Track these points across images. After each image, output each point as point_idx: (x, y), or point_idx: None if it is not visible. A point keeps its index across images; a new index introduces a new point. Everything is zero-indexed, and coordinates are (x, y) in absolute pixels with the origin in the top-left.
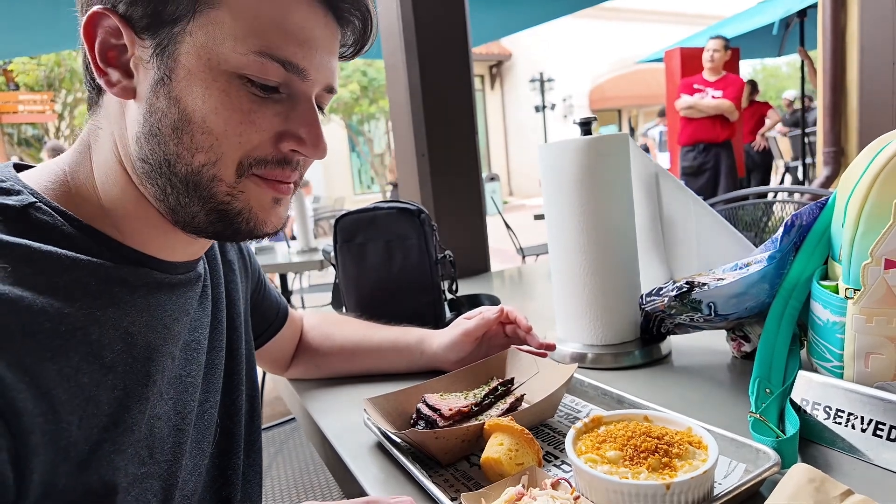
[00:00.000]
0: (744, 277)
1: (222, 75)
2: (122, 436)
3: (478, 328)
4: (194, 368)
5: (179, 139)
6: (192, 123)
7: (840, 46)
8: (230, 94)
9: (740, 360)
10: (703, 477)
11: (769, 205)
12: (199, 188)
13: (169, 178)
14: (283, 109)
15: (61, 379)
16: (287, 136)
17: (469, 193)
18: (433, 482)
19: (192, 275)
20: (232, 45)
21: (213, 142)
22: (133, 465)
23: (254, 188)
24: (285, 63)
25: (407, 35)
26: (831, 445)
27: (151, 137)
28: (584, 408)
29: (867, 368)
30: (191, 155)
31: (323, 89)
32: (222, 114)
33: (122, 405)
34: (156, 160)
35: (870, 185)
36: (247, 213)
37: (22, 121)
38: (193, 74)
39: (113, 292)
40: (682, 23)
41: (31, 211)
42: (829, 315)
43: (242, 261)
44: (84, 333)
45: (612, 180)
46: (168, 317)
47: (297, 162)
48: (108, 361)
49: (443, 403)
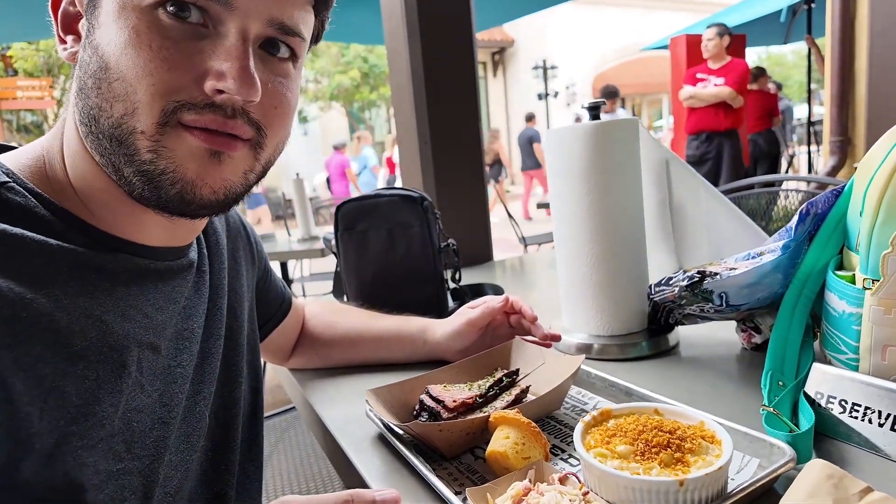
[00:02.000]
0: (757, 267)
1: (133, 11)
2: (91, 429)
3: (482, 317)
4: (185, 358)
5: (99, 89)
6: (108, 70)
7: (849, 34)
8: (140, 32)
9: (750, 352)
10: (718, 473)
11: (774, 194)
12: (123, 143)
13: (98, 135)
14: (207, 46)
15: (17, 368)
16: (209, 73)
17: (472, 181)
18: (437, 475)
19: (182, 262)
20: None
21: (127, 87)
22: (107, 461)
23: (180, 141)
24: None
25: (409, 18)
26: (847, 440)
27: (80, 93)
28: (591, 400)
29: (884, 361)
30: (109, 105)
31: (267, 25)
32: (130, 53)
33: (93, 396)
34: (86, 117)
35: (890, 173)
36: (171, 171)
37: (20, 107)
38: (109, 17)
39: (87, 279)
40: (688, 10)
41: (2, 191)
42: (844, 306)
43: (249, 248)
44: (50, 321)
45: (621, 166)
46: (150, 306)
47: (230, 109)
48: (77, 350)
49: (446, 395)
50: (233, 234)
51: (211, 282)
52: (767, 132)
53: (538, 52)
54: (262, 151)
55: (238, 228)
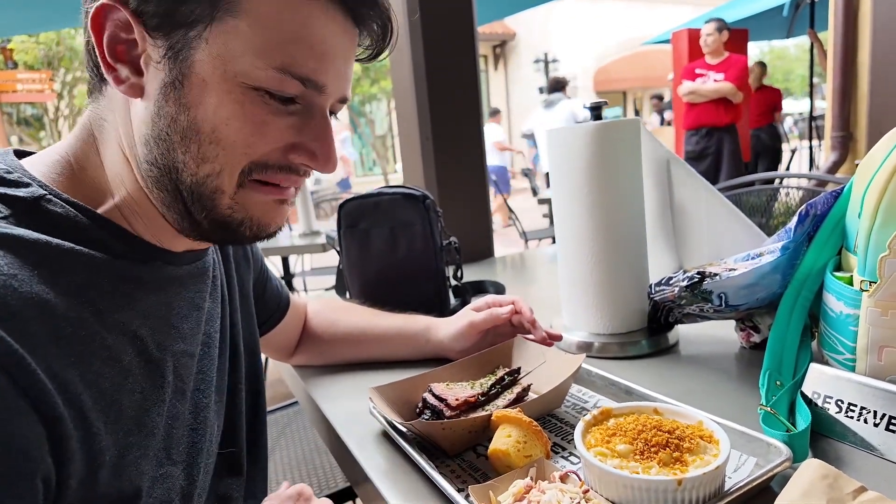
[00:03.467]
0: (756, 268)
1: (238, 87)
2: (145, 439)
3: (485, 322)
4: (207, 364)
5: (187, 147)
6: (201, 133)
7: (852, 28)
8: (245, 106)
9: (749, 351)
10: (715, 473)
11: (775, 191)
12: (203, 199)
13: (176, 184)
14: (296, 122)
15: (85, 385)
16: (299, 148)
17: (473, 178)
18: (440, 473)
19: (199, 265)
20: (251, 60)
21: (219, 152)
22: (152, 467)
23: (254, 196)
24: (305, 80)
25: (411, 16)
26: (843, 440)
27: (160, 142)
28: (591, 398)
29: (881, 362)
30: (196, 165)
31: (337, 101)
32: (234, 125)
33: (142, 408)
34: (164, 166)
35: (889, 175)
36: (248, 221)
37: (21, 100)
38: (207, 84)
39: (126, 291)
40: (690, 3)
41: (42, 203)
42: (842, 307)
43: (244, 250)
44: (101, 338)
45: (622, 166)
46: (175, 316)
47: (303, 171)
48: (125, 365)
49: (449, 393)
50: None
51: (221, 290)
52: (769, 127)
53: (539, 46)
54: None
55: None
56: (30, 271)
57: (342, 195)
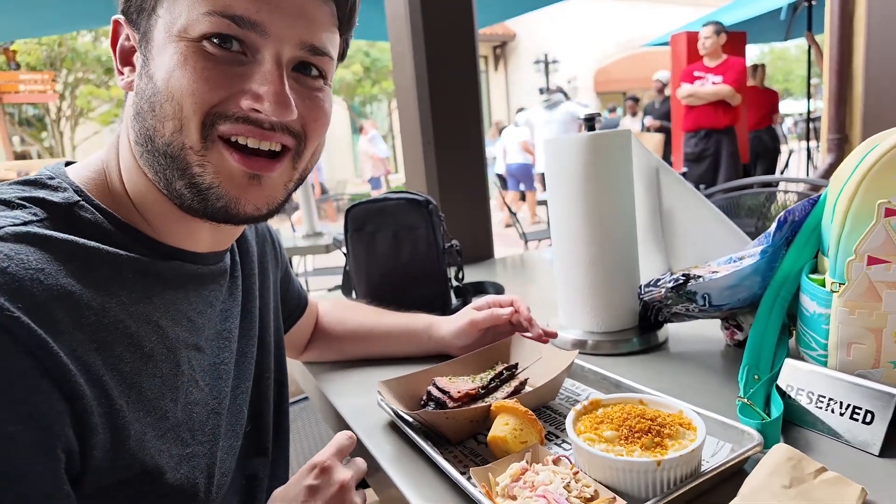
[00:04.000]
0: (737, 270)
1: (181, 43)
2: (159, 421)
3: (486, 321)
4: (227, 356)
5: (153, 111)
6: (159, 93)
7: (847, 32)
8: (187, 59)
9: (733, 348)
10: (691, 455)
11: (772, 193)
12: (175, 159)
13: (153, 154)
14: (245, 70)
15: (107, 368)
16: (246, 93)
17: (474, 181)
18: (444, 458)
19: (218, 267)
20: (187, 14)
21: (175, 107)
22: (177, 447)
23: (221, 157)
24: (236, 19)
25: (414, 22)
26: (812, 428)
27: (137, 117)
28: (583, 391)
29: (849, 357)
30: (162, 125)
31: (299, 48)
32: (178, 76)
33: (159, 392)
34: (142, 138)
35: (857, 185)
36: (217, 187)
37: (23, 101)
38: (160, 48)
39: (147, 285)
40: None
41: (75, 209)
42: (815, 307)
43: (274, 251)
44: (124, 326)
45: (614, 175)
46: (192, 310)
47: (267, 123)
48: (146, 352)
49: (452, 386)
50: (260, 239)
51: (243, 286)
52: (768, 129)
53: (540, 47)
54: (300, 161)
55: (264, 233)
56: (58, 266)
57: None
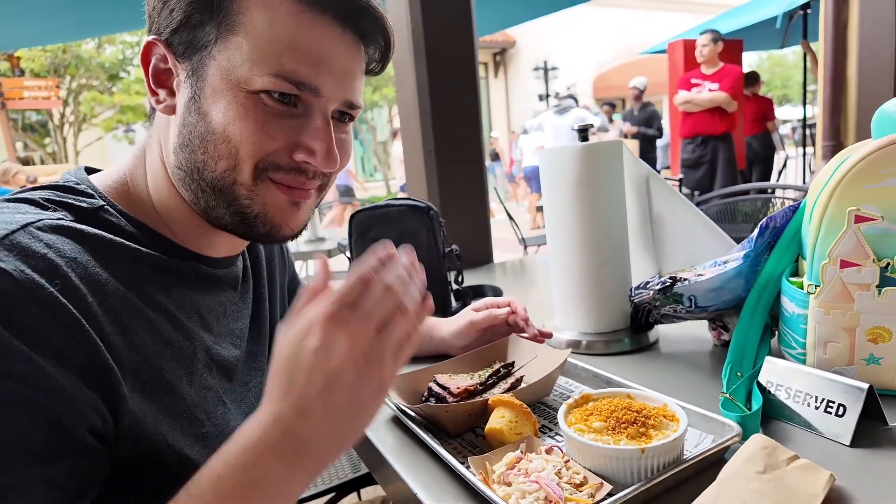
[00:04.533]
0: (721, 273)
1: (241, 93)
2: (176, 401)
3: (484, 321)
4: (237, 353)
5: (206, 149)
6: (215, 134)
7: (841, 41)
8: (247, 109)
9: (720, 348)
10: (673, 444)
11: (768, 199)
12: (224, 192)
13: (199, 183)
14: (298, 123)
15: (130, 349)
16: (300, 147)
17: (474, 188)
18: (444, 449)
19: (231, 271)
20: (249, 68)
21: (231, 149)
22: (192, 426)
23: (270, 191)
24: (298, 84)
25: (415, 35)
26: (790, 421)
27: (184, 147)
28: (576, 388)
29: (825, 355)
30: (214, 162)
31: (342, 105)
32: (239, 125)
33: (176, 375)
34: (188, 168)
35: (830, 193)
36: (263, 216)
37: (27, 107)
38: (217, 92)
39: (164, 280)
40: (688, 10)
41: (101, 213)
42: (794, 308)
43: (281, 255)
44: (144, 314)
45: (607, 183)
46: (204, 307)
47: (312, 172)
48: (165, 337)
49: (451, 383)
50: (268, 245)
51: (254, 290)
52: (763, 135)
53: (539, 54)
54: (325, 189)
55: None
56: (87, 257)
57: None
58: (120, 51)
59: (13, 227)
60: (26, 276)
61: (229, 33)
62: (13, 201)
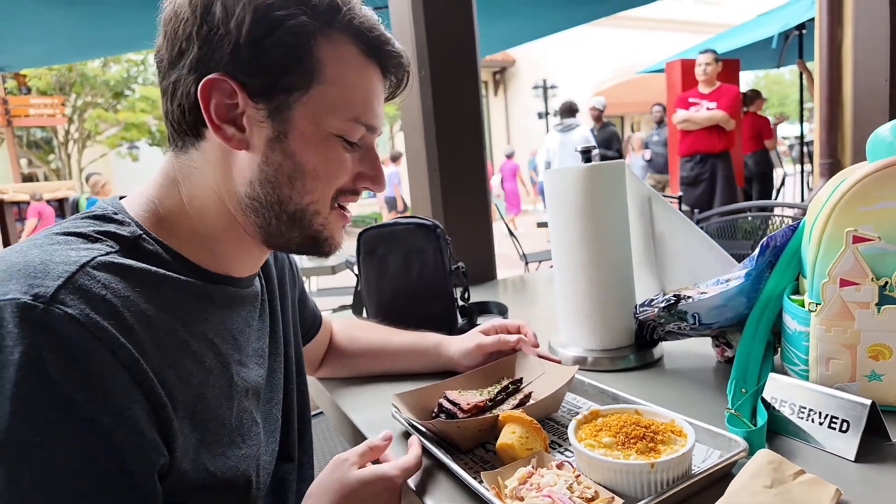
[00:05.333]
0: (723, 292)
1: (327, 136)
2: (221, 427)
3: (492, 346)
4: (262, 372)
5: (292, 185)
6: (304, 173)
7: (836, 60)
8: (334, 150)
9: (723, 364)
10: (682, 458)
11: (768, 217)
12: (303, 221)
13: (278, 214)
14: (358, 156)
15: (179, 382)
16: (363, 176)
17: (477, 206)
18: (456, 464)
19: (252, 290)
20: (335, 115)
21: (318, 185)
22: (232, 449)
23: (336, 219)
24: (368, 126)
25: (420, 55)
26: (794, 436)
27: (266, 183)
28: (584, 404)
29: (828, 371)
30: (300, 197)
31: (377, 136)
32: (327, 165)
33: (218, 402)
34: (268, 201)
35: (828, 215)
36: (330, 238)
37: (32, 124)
38: (306, 135)
39: (202, 306)
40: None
41: (140, 241)
42: (796, 325)
43: (291, 272)
44: (188, 345)
45: (610, 203)
46: (236, 329)
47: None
48: (207, 366)
49: (462, 399)
50: (279, 262)
51: (270, 308)
52: (761, 152)
53: (538, 72)
54: None
55: (283, 256)
56: (136, 293)
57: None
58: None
59: (73, 269)
60: (91, 320)
61: (316, 82)
62: (62, 234)
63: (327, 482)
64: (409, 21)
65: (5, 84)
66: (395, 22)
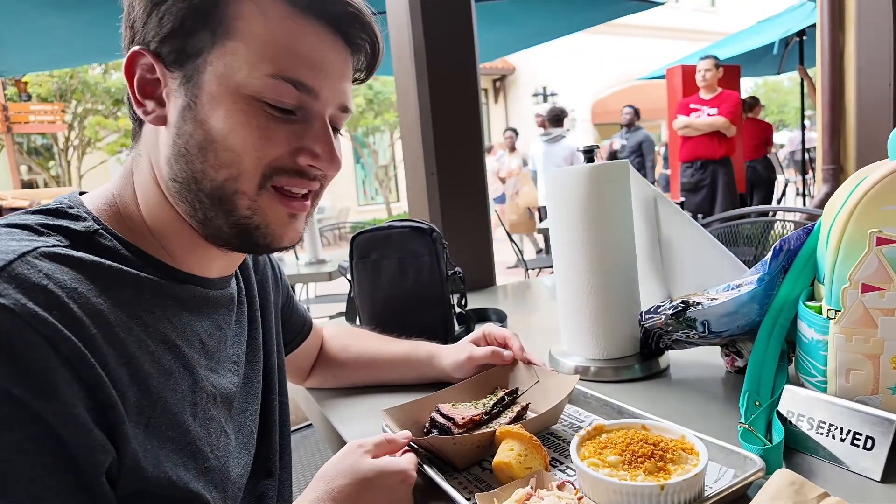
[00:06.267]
0: (735, 298)
1: (241, 98)
2: (182, 435)
3: (483, 358)
4: (235, 380)
5: (205, 157)
6: (215, 142)
7: (838, 66)
8: (248, 114)
9: (734, 375)
10: (694, 479)
11: (770, 222)
12: (224, 202)
13: (196, 194)
14: (298, 129)
15: (134, 382)
16: (303, 151)
17: (475, 211)
18: (449, 484)
19: (227, 292)
20: (248, 71)
21: (234, 158)
22: (196, 461)
23: (271, 204)
24: (297, 83)
25: (418, 59)
26: (814, 454)
27: (180, 157)
28: (586, 417)
29: (848, 383)
30: (215, 171)
31: (337, 109)
32: (240, 132)
33: (180, 407)
34: (184, 178)
35: (848, 215)
36: (264, 227)
37: (33, 131)
38: (215, 99)
39: (164, 307)
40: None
41: (96, 237)
42: (813, 334)
43: (274, 276)
44: (146, 345)
45: (614, 205)
46: (204, 332)
47: (314, 175)
48: (167, 368)
49: (455, 413)
50: (260, 266)
51: (248, 314)
52: (763, 159)
53: (538, 79)
54: (318, 199)
55: (265, 260)
56: (88, 286)
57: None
58: None
59: (10, 258)
60: (28, 310)
61: (225, 39)
62: (5, 226)
63: (342, 466)
64: (407, 27)
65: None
66: (393, 28)
